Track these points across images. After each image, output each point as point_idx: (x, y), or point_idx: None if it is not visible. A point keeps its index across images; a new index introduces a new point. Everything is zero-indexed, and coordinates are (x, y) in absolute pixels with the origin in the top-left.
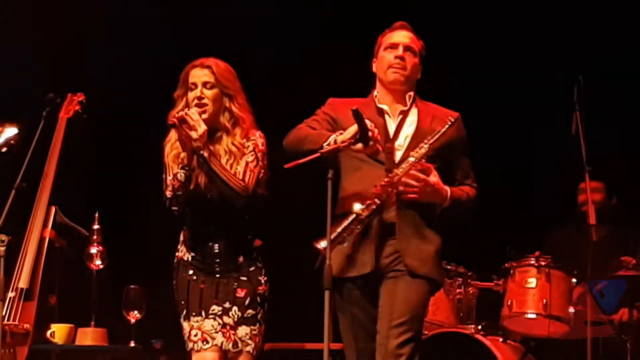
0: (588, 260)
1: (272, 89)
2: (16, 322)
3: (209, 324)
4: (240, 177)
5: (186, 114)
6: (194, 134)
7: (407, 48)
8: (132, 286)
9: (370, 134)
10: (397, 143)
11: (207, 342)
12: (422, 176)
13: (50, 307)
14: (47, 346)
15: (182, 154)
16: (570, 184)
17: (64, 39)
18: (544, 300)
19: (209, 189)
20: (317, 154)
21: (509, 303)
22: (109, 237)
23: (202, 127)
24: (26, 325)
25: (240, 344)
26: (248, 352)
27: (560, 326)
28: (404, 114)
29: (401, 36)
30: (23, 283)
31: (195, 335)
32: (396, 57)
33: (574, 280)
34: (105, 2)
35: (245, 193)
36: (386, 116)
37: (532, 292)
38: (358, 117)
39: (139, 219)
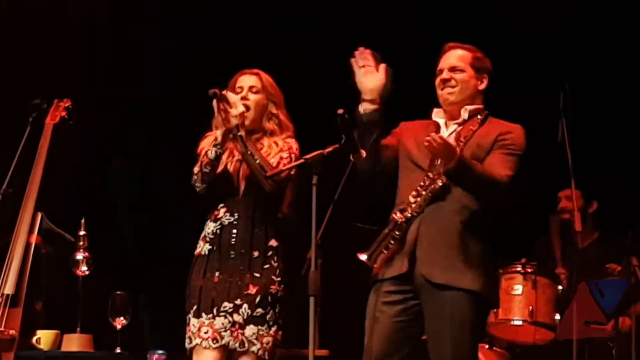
0: (574, 267)
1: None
2: (2, 328)
3: (219, 322)
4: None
5: (227, 92)
6: (233, 111)
7: (451, 69)
8: (118, 292)
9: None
10: None
11: (217, 341)
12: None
13: (36, 313)
14: (33, 352)
15: (217, 132)
16: (555, 191)
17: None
18: (530, 307)
19: (236, 177)
20: (301, 160)
21: (494, 310)
22: (95, 243)
23: (241, 108)
24: (12, 332)
25: (247, 344)
26: (253, 352)
27: (546, 333)
28: (458, 125)
29: (446, 60)
30: (9, 289)
31: (206, 333)
32: (441, 79)
33: (559, 287)
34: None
35: (275, 177)
36: (442, 128)
37: (518, 299)
38: (343, 122)
39: (125, 225)
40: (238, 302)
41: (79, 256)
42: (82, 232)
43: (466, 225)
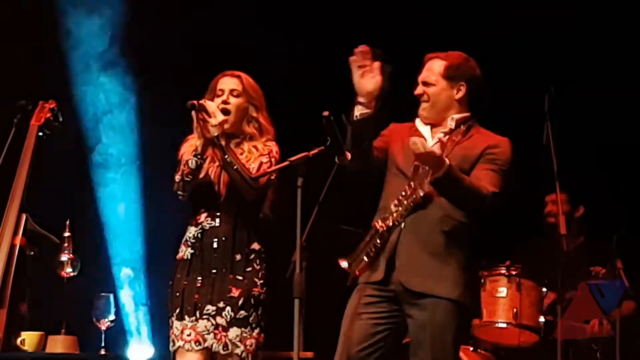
0: (559, 270)
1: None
2: None
3: (202, 325)
4: (254, 172)
5: (205, 101)
6: (212, 121)
7: (424, 83)
8: (102, 294)
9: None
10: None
11: (200, 344)
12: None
13: (21, 314)
14: (18, 354)
15: (197, 142)
16: (540, 194)
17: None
18: (515, 310)
19: (217, 183)
20: (286, 163)
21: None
22: (80, 245)
23: (220, 117)
24: None
25: (230, 346)
26: (237, 354)
27: (530, 335)
28: (446, 134)
29: (422, 73)
30: None
31: (189, 335)
32: (416, 94)
33: (544, 289)
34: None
35: (255, 185)
36: (427, 136)
37: (502, 302)
38: (329, 124)
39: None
40: (221, 305)
41: (64, 258)
42: (66, 234)
43: (448, 234)
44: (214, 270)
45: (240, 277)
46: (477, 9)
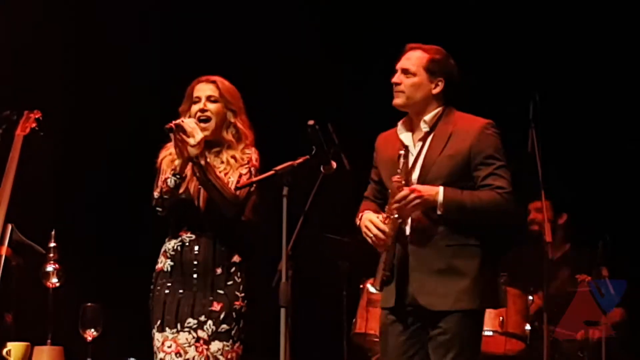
0: (544, 278)
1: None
2: None
3: (183, 337)
4: (233, 187)
5: (182, 121)
6: (191, 141)
7: (403, 71)
8: (88, 304)
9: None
10: (413, 176)
11: (180, 356)
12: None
13: (7, 325)
14: None
15: (177, 161)
16: (524, 201)
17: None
18: (501, 318)
19: (197, 197)
20: (271, 172)
21: None
22: (66, 255)
23: (199, 135)
24: None
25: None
26: None
27: (516, 343)
28: (423, 141)
29: (402, 61)
30: None
31: (169, 347)
32: (392, 82)
33: (530, 297)
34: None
35: (236, 202)
36: (409, 147)
37: (488, 310)
38: (314, 133)
39: (95, 237)
40: (202, 318)
41: (50, 268)
42: (52, 244)
43: (455, 248)
44: (195, 283)
45: (221, 291)
46: (461, 15)
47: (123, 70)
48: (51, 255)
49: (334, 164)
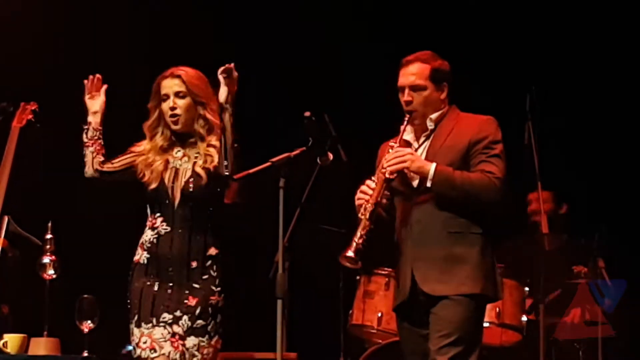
0: (541, 269)
1: None
2: None
3: (158, 332)
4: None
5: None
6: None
7: (412, 87)
8: (85, 296)
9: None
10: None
11: (155, 351)
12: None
13: (3, 316)
14: (0, 356)
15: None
16: (522, 193)
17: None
18: (497, 309)
19: (171, 187)
20: (268, 163)
21: None
22: (62, 247)
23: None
24: None
25: (187, 355)
26: None
27: (512, 335)
28: (427, 136)
29: (406, 77)
30: None
31: (145, 343)
32: (404, 101)
33: (526, 289)
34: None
35: (231, 175)
36: (412, 144)
37: None
38: (310, 125)
39: (92, 228)
40: (178, 313)
41: (46, 260)
42: (48, 236)
43: (457, 236)
44: (170, 277)
45: (196, 286)
46: (458, 10)
47: (121, 62)
48: (47, 247)
49: (331, 156)
